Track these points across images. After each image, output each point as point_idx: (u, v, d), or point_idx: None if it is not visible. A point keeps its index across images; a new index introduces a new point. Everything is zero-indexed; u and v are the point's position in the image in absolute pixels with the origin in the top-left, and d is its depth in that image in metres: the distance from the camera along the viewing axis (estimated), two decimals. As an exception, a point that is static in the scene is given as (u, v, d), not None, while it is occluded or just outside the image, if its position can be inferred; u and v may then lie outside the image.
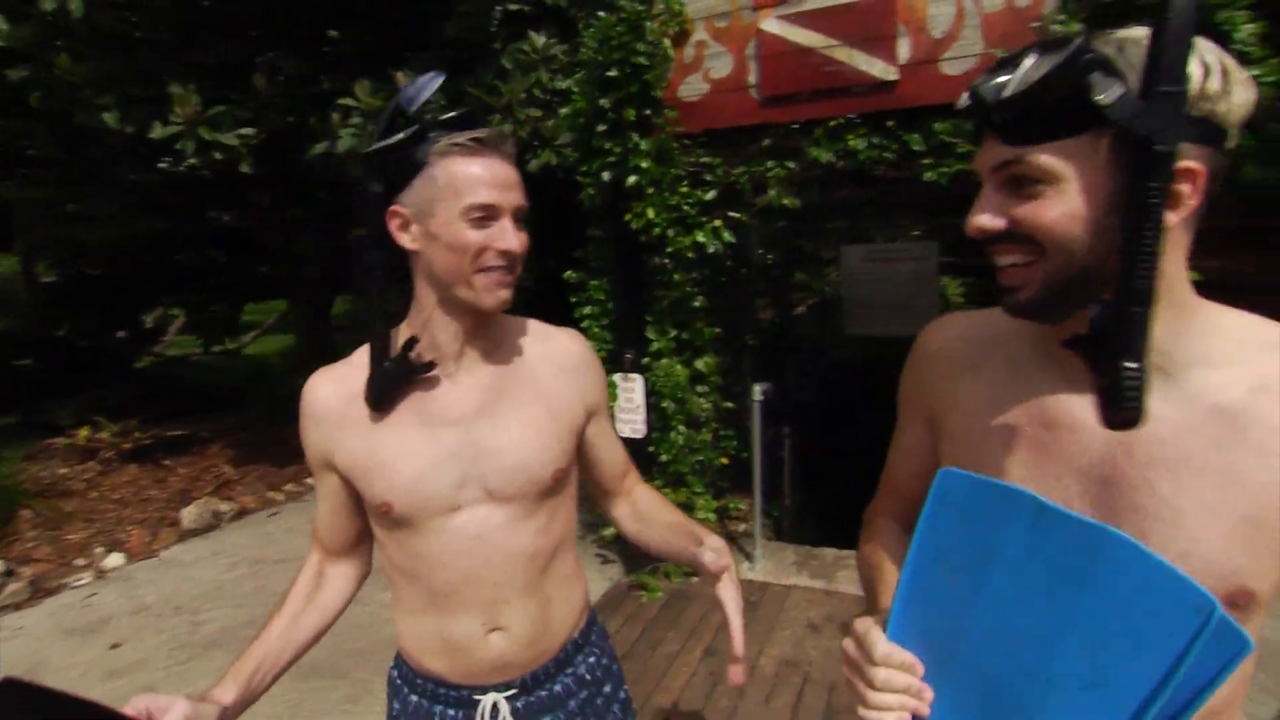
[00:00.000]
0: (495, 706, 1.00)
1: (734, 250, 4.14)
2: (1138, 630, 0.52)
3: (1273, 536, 0.60)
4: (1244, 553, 0.60)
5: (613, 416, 3.34)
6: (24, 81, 2.99)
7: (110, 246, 5.25)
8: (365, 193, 0.90)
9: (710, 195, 3.06)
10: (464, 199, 0.87)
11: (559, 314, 3.84)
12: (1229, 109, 0.57)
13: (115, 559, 4.09)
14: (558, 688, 1.05)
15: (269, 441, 5.85)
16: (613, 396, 3.38)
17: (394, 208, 0.90)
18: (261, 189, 5.33)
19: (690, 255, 3.10)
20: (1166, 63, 0.53)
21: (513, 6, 3.40)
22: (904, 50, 2.63)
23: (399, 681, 1.07)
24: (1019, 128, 0.60)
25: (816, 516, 4.61)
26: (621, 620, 3.16)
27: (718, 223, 3.05)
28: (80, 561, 4.06)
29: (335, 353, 1.04)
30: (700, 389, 3.41)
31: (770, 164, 2.96)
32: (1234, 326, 0.64)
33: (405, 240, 0.91)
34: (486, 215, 0.88)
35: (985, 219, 0.64)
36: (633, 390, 3.33)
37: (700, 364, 3.38)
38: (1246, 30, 2.21)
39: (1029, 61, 0.58)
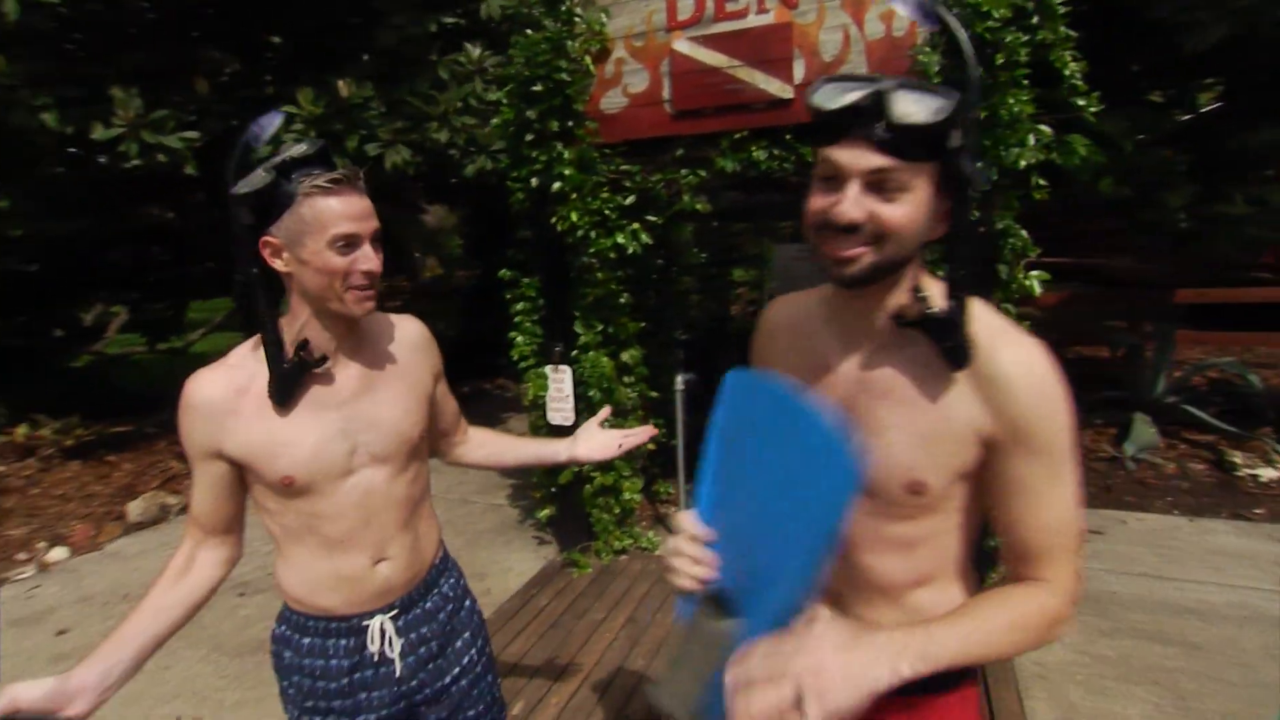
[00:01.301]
0: (382, 627, 1.23)
1: (665, 250, 4.41)
2: (814, 474, 0.75)
3: (939, 448, 0.86)
4: (920, 457, 0.87)
5: (544, 405, 3.58)
6: (-44, 83, 3.05)
7: (40, 244, 5.22)
8: (237, 225, 1.06)
9: (629, 200, 3.31)
10: (329, 231, 1.05)
11: (495, 308, 4.04)
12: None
13: (58, 553, 4.14)
14: (429, 604, 1.31)
15: (214, 437, 5.89)
16: (543, 387, 3.61)
17: (266, 238, 1.06)
18: (198, 188, 5.37)
19: (612, 255, 3.35)
20: (971, 126, 0.79)
21: (447, 19, 3.59)
22: (799, 71, 2.92)
23: (289, 632, 1.24)
24: (897, 146, 0.77)
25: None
26: (552, 594, 3.40)
27: (636, 225, 3.30)
28: (22, 556, 4.10)
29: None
30: (627, 380, 3.66)
31: (684, 172, 3.22)
32: (938, 297, 0.88)
33: (278, 265, 1.08)
34: (349, 243, 1.07)
35: (856, 211, 0.80)
36: (562, 381, 3.56)
37: (626, 356, 3.63)
38: (1073, 68, 2.56)
39: (900, 94, 0.76)
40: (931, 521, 0.91)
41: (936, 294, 0.86)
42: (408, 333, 1.31)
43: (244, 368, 1.14)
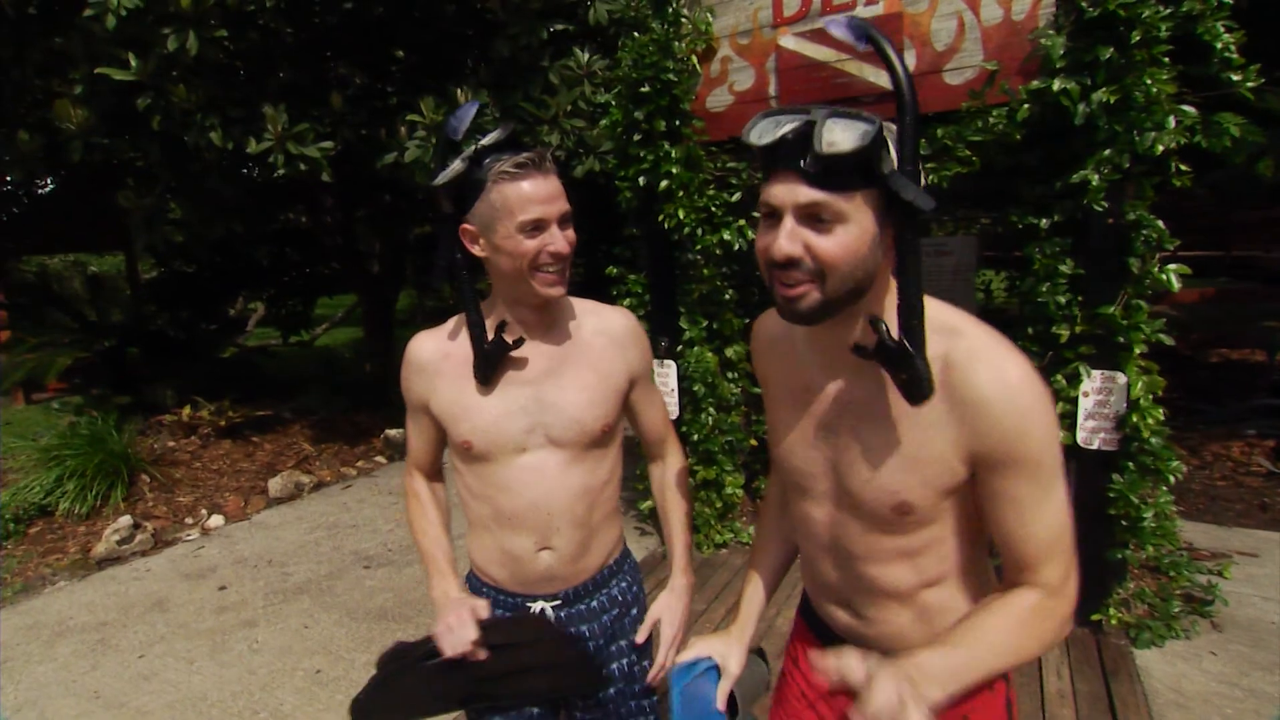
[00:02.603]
0: (543, 611, 1.25)
1: (747, 250, 4.39)
2: None
3: (923, 469, 0.84)
4: (904, 478, 0.85)
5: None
6: (147, 108, 3.50)
7: (200, 247, 5.89)
8: (440, 214, 1.13)
9: (735, 197, 3.33)
10: (517, 216, 1.07)
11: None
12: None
13: (216, 520, 4.67)
14: (594, 603, 1.29)
15: (342, 423, 6.44)
16: (646, 381, 3.70)
17: (465, 225, 1.12)
18: (329, 193, 5.88)
19: (718, 252, 3.39)
20: (909, 148, 0.77)
21: (558, 26, 3.75)
22: (910, 62, 2.85)
23: (469, 588, 1.34)
24: (826, 177, 0.76)
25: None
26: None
27: (742, 222, 3.33)
28: (189, 520, 4.66)
29: (399, 344, 1.38)
30: (730, 375, 3.69)
31: (790, 167, 3.21)
32: (928, 314, 0.84)
33: (477, 250, 1.13)
34: (537, 227, 1.08)
35: (790, 247, 0.78)
36: (666, 375, 3.64)
37: (730, 352, 3.66)
38: (1226, 39, 2.35)
39: (829, 124, 0.74)
40: (929, 531, 0.89)
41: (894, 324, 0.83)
42: (609, 323, 1.28)
43: (451, 336, 1.23)
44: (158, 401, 6.46)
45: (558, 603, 1.26)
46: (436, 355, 1.23)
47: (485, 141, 1.08)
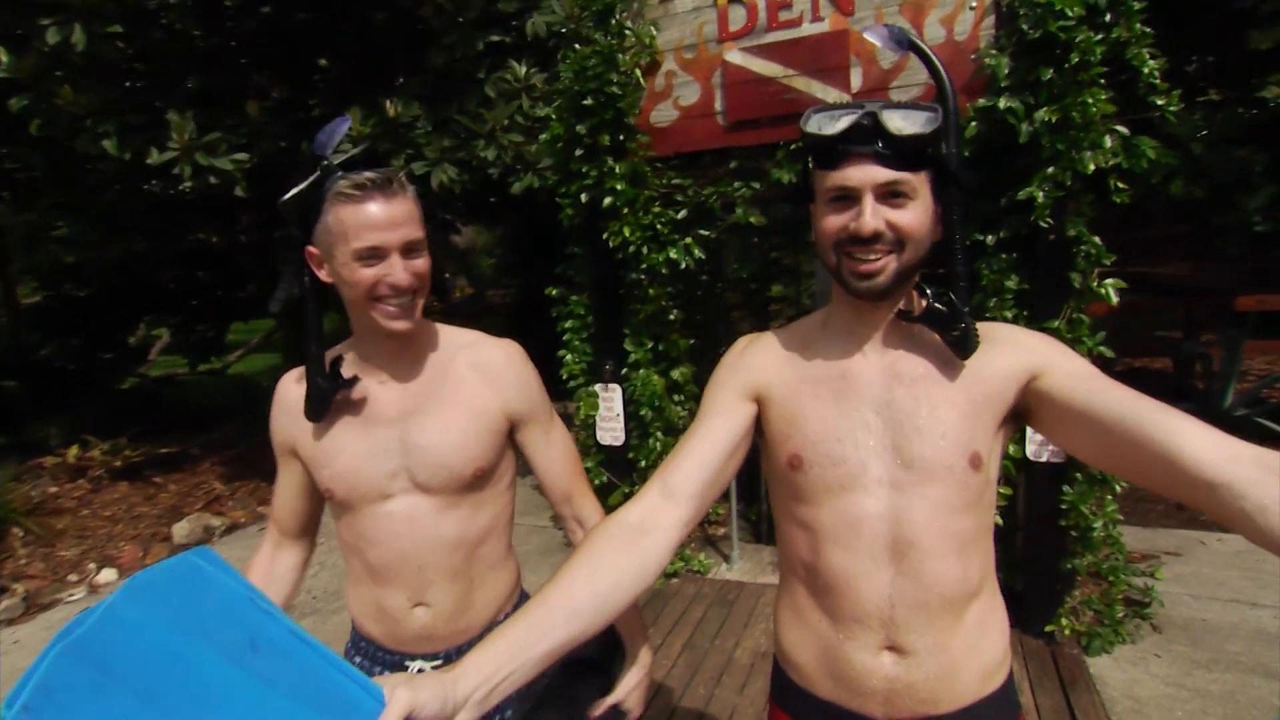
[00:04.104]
0: (421, 672, 1.04)
1: (707, 266, 4.35)
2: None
3: (983, 414, 0.91)
4: (974, 426, 0.91)
5: (594, 425, 3.52)
6: (24, 110, 3.12)
7: (95, 268, 5.35)
8: (289, 234, 1.05)
9: (681, 214, 3.25)
10: (351, 243, 0.98)
11: (542, 327, 4.00)
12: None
13: (108, 574, 4.16)
14: None
15: (258, 457, 5.94)
16: (594, 406, 3.54)
17: (309, 248, 1.03)
18: (245, 211, 5.48)
19: (664, 270, 3.29)
20: (953, 135, 0.92)
21: (494, 38, 3.60)
22: (856, 79, 2.85)
23: (349, 647, 1.24)
24: (900, 159, 0.85)
25: (793, 519, 4.77)
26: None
27: (688, 240, 3.24)
28: (73, 577, 4.13)
29: None
30: (677, 398, 3.58)
31: (737, 184, 3.16)
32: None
33: (323, 275, 1.05)
34: (374, 254, 0.99)
35: (876, 222, 0.86)
36: (612, 399, 3.50)
37: (676, 374, 3.56)
38: (1151, 65, 2.45)
39: (889, 113, 0.84)
40: (979, 512, 0.92)
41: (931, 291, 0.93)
42: (483, 356, 1.16)
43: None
44: (40, 441, 5.79)
45: (438, 663, 1.14)
46: (301, 394, 1.12)
47: (336, 159, 1.01)
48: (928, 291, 0.91)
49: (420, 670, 1.13)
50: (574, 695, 1.17)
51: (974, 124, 2.58)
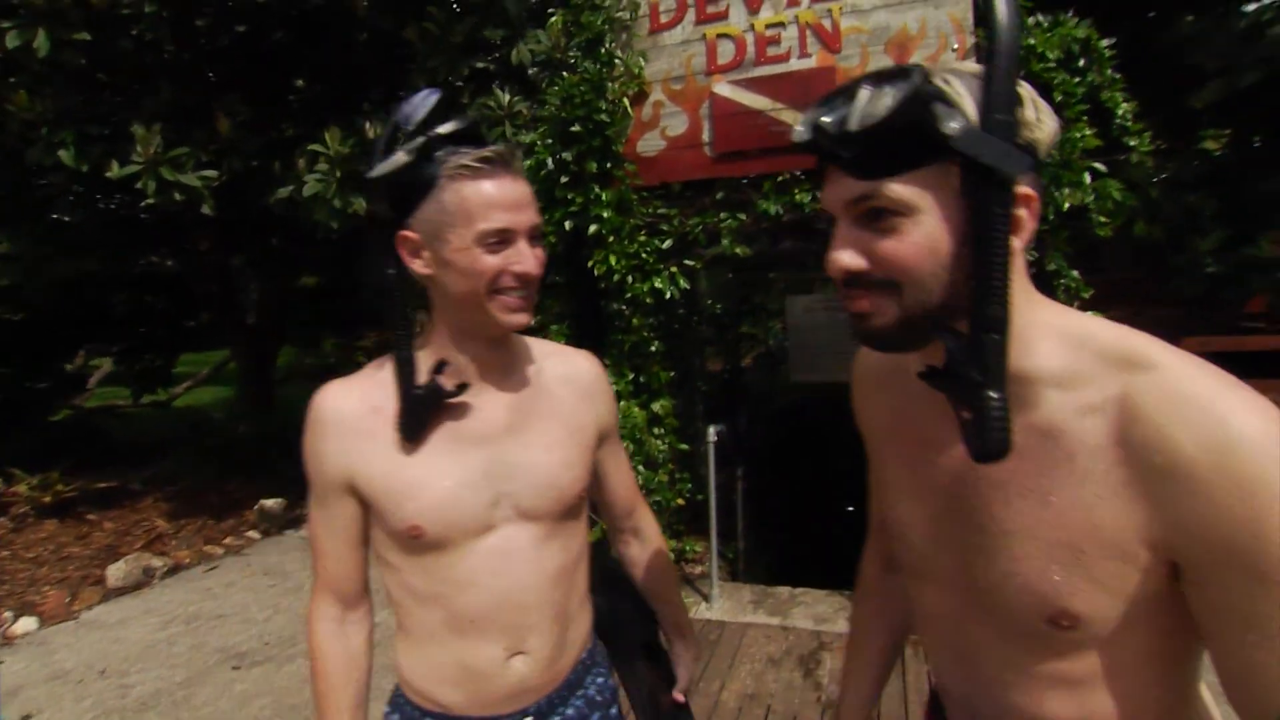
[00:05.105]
0: None
1: (686, 298, 4.33)
2: None
3: (1088, 560, 0.59)
4: (1063, 577, 0.60)
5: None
6: (-26, 118, 2.94)
7: (36, 289, 5.02)
8: (374, 217, 0.89)
9: (667, 244, 3.22)
10: (477, 224, 0.84)
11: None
12: (1043, 136, 0.59)
13: (26, 624, 3.78)
14: (570, 711, 1.02)
15: (207, 493, 5.59)
16: (573, 437, 3.43)
17: (403, 233, 0.87)
18: (205, 234, 5.26)
19: (649, 300, 3.24)
20: (999, 92, 0.55)
21: (479, 64, 3.58)
22: (843, 115, 2.90)
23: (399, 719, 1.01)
24: (868, 161, 0.58)
25: (769, 556, 4.69)
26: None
27: (674, 269, 3.21)
28: (-13, 627, 3.75)
29: (278, 405, 1.02)
30: (657, 431, 3.50)
31: (723, 215, 3.16)
32: (1095, 337, 0.61)
33: (417, 266, 0.89)
34: (502, 239, 0.85)
35: (846, 257, 0.61)
36: (593, 430, 3.39)
37: (657, 406, 3.48)
38: (1125, 108, 2.56)
39: (865, 93, 0.57)
40: (1100, 656, 0.63)
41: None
42: (576, 369, 1.05)
43: (380, 384, 0.93)
44: (-38, 474, 5.36)
45: (528, 719, 0.97)
46: (361, 410, 0.92)
47: (440, 130, 0.85)
48: (952, 342, 0.60)
49: None
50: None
51: (961, 159, 2.63)
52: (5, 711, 2.95)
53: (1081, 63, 2.57)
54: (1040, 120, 0.59)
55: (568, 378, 1.04)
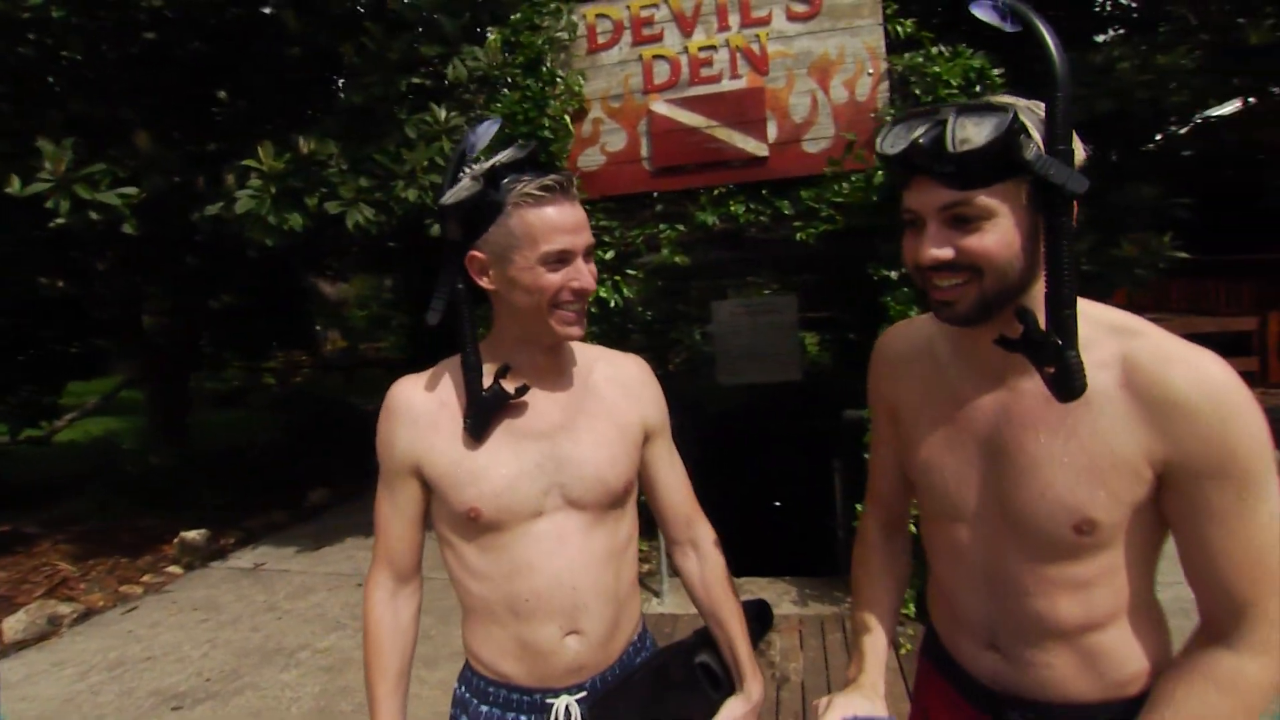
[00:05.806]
0: (568, 709, 1.07)
1: (622, 307, 4.47)
2: None
3: (1108, 481, 0.78)
4: (1086, 493, 0.79)
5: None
6: None
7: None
8: (445, 240, 1.01)
9: (609, 255, 3.35)
10: (540, 247, 0.95)
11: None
12: (1079, 160, 0.78)
13: (-84, 686, 3.42)
14: None
15: (117, 530, 5.20)
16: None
17: (472, 253, 0.98)
18: (107, 254, 4.91)
19: (593, 310, 3.35)
20: (1060, 126, 0.73)
21: (415, 80, 3.58)
22: (772, 131, 3.14)
23: (467, 695, 1.11)
24: (962, 175, 0.75)
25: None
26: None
27: (618, 278, 3.34)
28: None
29: (193, 433, 1.08)
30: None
31: (663, 227, 3.33)
32: (1091, 314, 0.82)
33: (484, 282, 1.00)
34: (562, 259, 0.97)
35: (938, 251, 0.78)
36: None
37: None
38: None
39: (960, 121, 0.74)
40: (1106, 557, 0.82)
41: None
42: (621, 369, 1.16)
43: (447, 381, 1.06)
44: None
45: (583, 694, 1.07)
46: (431, 404, 1.05)
47: (502, 158, 0.96)
48: (1030, 317, 0.78)
49: (567, 709, 1.06)
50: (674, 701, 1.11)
51: (880, 173, 2.91)
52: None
53: (979, 88, 2.91)
54: (1076, 148, 0.78)
55: (615, 379, 1.14)
